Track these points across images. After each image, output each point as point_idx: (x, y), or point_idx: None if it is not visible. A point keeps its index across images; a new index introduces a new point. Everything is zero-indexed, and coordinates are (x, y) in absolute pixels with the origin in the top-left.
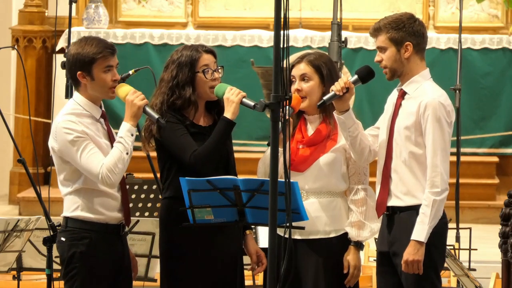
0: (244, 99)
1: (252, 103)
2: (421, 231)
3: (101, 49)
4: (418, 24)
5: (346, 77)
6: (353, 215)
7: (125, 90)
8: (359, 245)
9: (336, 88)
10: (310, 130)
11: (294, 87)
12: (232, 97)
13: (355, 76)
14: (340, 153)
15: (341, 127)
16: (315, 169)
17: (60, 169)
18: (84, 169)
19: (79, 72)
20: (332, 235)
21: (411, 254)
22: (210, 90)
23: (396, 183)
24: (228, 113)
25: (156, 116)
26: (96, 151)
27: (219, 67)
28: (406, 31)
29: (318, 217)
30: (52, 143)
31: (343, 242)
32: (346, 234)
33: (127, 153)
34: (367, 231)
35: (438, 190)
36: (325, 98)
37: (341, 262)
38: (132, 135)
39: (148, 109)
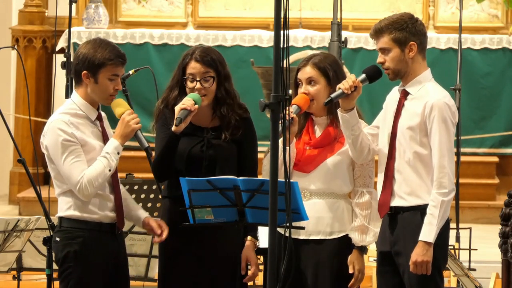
0: (180, 111)
1: (176, 116)
2: (429, 232)
3: (114, 56)
4: (419, 24)
5: (354, 75)
6: (357, 219)
7: (122, 108)
8: (362, 249)
9: (344, 86)
10: (318, 132)
11: (300, 90)
12: (175, 108)
13: (363, 75)
14: (346, 156)
15: (344, 125)
16: (321, 170)
17: (51, 167)
18: (64, 173)
19: (84, 72)
20: (334, 236)
21: (420, 255)
22: None
23: (399, 184)
24: (173, 126)
25: (146, 144)
26: (81, 159)
27: (209, 78)
28: (409, 31)
29: (321, 218)
30: (42, 139)
31: (344, 244)
32: (347, 236)
33: (109, 170)
34: (371, 235)
35: (446, 191)
36: (332, 96)
37: (342, 264)
38: (118, 153)
39: (140, 135)
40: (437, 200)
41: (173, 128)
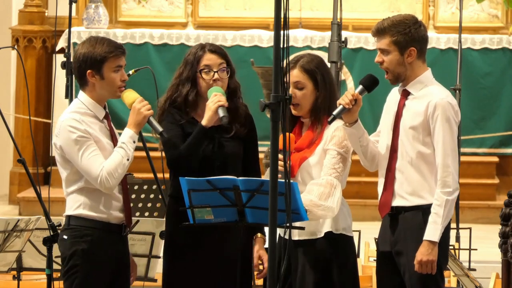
0: (219, 109)
1: (222, 114)
2: (434, 230)
3: (113, 48)
4: (422, 29)
5: (352, 89)
6: (312, 193)
7: (132, 97)
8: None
9: (344, 101)
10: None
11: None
12: (210, 104)
13: (360, 87)
14: (323, 155)
15: (351, 138)
16: (303, 172)
17: (63, 167)
18: (83, 169)
19: (89, 71)
20: (318, 236)
21: (425, 254)
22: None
23: (401, 183)
24: (204, 120)
25: (160, 129)
26: (98, 153)
27: (224, 68)
28: (411, 36)
29: None
30: (55, 140)
31: (329, 242)
32: (330, 233)
33: (127, 159)
34: (321, 210)
35: (450, 190)
36: (334, 113)
37: (329, 262)
38: (134, 142)
39: (153, 120)
40: (441, 199)
41: (204, 122)
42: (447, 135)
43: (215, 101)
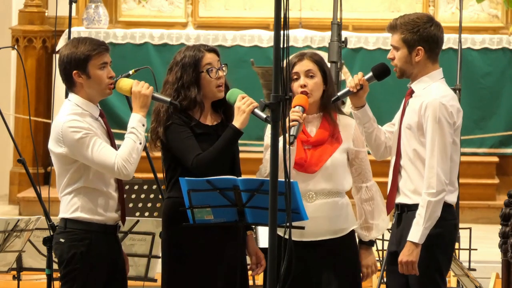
0: (255, 110)
1: (264, 115)
2: (416, 232)
3: (95, 46)
4: (433, 29)
5: (361, 73)
6: (363, 217)
7: (128, 83)
8: (370, 244)
9: (350, 84)
10: (309, 129)
11: (299, 82)
12: (243, 106)
13: (370, 74)
14: (345, 152)
15: (356, 122)
16: (325, 170)
17: (62, 172)
18: (97, 163)
19: (74, 71)
20: (340, 234)
21: (405, 255)
22: (217, 89)
23: (404, 181)
24: (236, 122)
25: (168, 99)
26: (106, 144)
27: (222, 65)
28: (420, 35)
29: (327, 218)
30: (53, 145)
31: (350, 240)
32: (353, 231)
33: (140, 143)
34: (375, 230)
35: (434, 191)
36: (339, 94)
37: (352, 260)
38: (143, 125)
39: (157, 95)
40: (424, 200)
41: (239, 125)
42: (436, 136)
43: (248, 103)
